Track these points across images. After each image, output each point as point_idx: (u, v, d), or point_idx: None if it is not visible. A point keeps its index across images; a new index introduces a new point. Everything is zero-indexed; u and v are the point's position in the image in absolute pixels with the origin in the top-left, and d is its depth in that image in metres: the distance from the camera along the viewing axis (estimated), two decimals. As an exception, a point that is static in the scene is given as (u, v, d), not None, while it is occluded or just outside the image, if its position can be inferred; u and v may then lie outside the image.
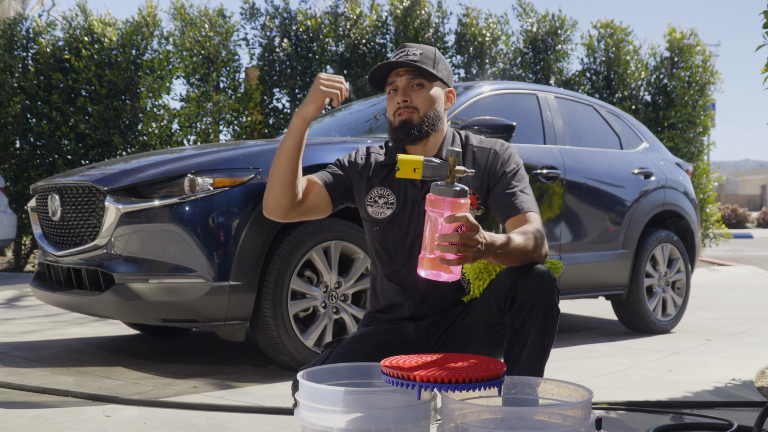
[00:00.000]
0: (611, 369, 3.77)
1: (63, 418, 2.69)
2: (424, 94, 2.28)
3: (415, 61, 2.25)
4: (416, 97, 2.27)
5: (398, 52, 2.32)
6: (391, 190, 2.34)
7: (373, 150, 2.43)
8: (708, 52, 10.70)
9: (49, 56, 8.83)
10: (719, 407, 2.93)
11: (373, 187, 2.36)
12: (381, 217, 2.33)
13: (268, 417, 2.75)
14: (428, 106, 2.28)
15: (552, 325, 2.04)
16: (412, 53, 2.28)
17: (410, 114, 2.26)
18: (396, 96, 2.29)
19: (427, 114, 2.28)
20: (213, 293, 3.33)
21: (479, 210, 2.30)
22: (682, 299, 5.24)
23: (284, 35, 9.36)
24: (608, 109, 5.42)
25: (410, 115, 2.26)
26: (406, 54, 2.29)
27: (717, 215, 10.54)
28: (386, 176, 2.36)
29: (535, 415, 1.72)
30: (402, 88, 2.28)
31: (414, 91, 2.28)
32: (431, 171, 1.96)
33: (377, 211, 2.34)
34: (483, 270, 2.22)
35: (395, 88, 2.30)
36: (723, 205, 23.90)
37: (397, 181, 2.33)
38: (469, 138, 2.38)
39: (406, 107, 2.27)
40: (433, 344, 2.30)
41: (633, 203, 4.95)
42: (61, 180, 3.85)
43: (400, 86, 2.29)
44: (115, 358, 3.88)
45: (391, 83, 2.31)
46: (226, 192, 3.41)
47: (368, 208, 2.35)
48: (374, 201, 2.35)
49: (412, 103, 2.26)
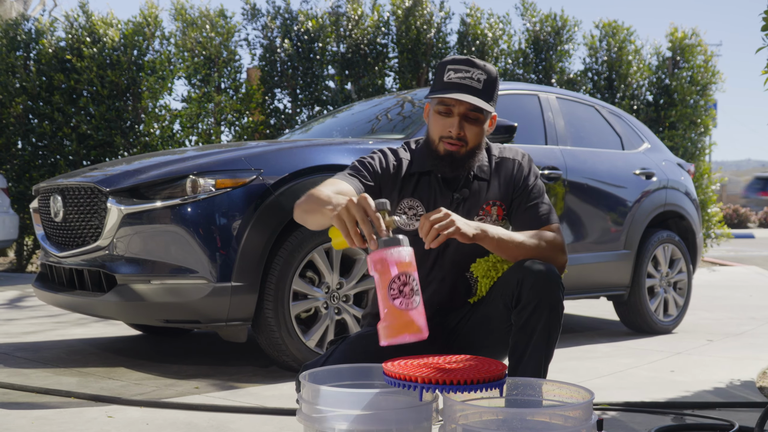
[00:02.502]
0: (613, 369, 3.77)
1: (65, 419, 2.69)
2: (477, 128, 2.23)
3: (478, 91, 2.18)
4: (469, 131, 2.22)
5: (462, 69, 2.21)
6: (420, 201, 2.30)
7: (402, 155, 2.35)
8: (710, 52, 10.70)
9: (50, 57, 8.84)
10: (720, 408, 2.94)
11: (403, 198, 2.31)
12: (409, 229, 2.28)
13: (270, 418, 2.76)
14: (478, 139, 2.25)
15: (557, 321, 2.06)
16: (476, 77, 2.20)
17: (459, 147, 2.22)
18: (447, 121, 2.22)
19: (474, 147, 2.25)
20: (215, 294, 3.33)
21: (504, 221, 2.32)
22: (683, 299, 5.24)
23: (285, 36, 9.36)
24: (609, 110, 5.42)
25: (458, 148, 2.22)
26: (470, 76, 2.20)
27: (719, 215, 10.54)
28: (416, 186, 2.31)
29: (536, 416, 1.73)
30: (458, 117, 2.21)
31: (468, 123, 2.22)
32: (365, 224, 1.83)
33: (406, 222, 2.29)
34: (491, 268, 2.23)
35: (449, 112, 2.22)
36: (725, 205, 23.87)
37: (426, 191, 2.30)
38: (491, 148, 2.37)
39: (458, 139, 2.21)
40: (439, 344, 2.31)
41: (634, 204, 4.95)
42: (64, 181, 3.86)
43: (455, 113, 2.21)
44: (117, 359, 3.88)
45: (445, 104, 2.22)
46: (228, 193, 3.41)
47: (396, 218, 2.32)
48: (403, 212, 2.30)
49: (465, 137, 2.21)
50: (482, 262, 2.25)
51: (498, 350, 2.25)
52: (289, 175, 3.53)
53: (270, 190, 3.47)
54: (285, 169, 3.54)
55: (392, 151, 2.35)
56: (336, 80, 9.71)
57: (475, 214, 2.29)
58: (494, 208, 2.30)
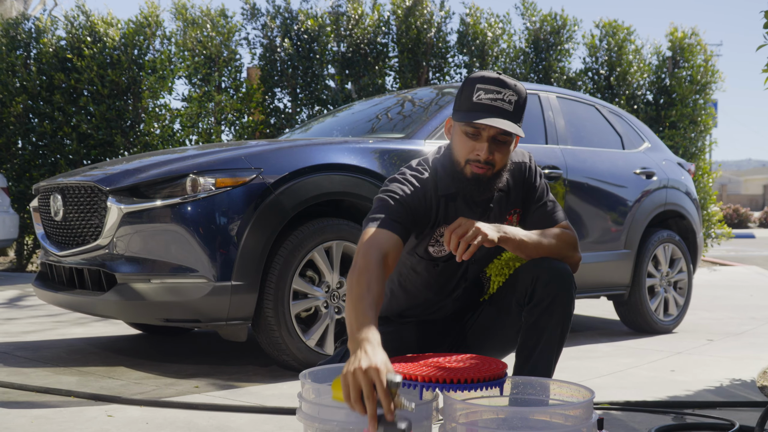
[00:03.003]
0: (613, 369, 3.77)
1: (65, 418, 2.69)
2: (506, 149, 2.14)
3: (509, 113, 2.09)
4: (497, 154, 2.12)
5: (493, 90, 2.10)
6: None
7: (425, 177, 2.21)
8: (709, 51, 10.70)
9: (51, 56, 8.83)
10: (721, 407, 2.93)
11: (436, 227, 2.22)
12: (441, 255, 2.24)
13: (270, 417, 2.75)
14: (504, 161, 2.16)
15: (568, 320, 2.09)
16: (507, 98, 2.09)
17: (486, 170, 2.12)
18: (476, 144, 2.11)
19: (500, 169, 2.16)
20: (215, 293, 3.33)
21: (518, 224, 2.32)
22: (684, 299, 5.24)
23: (285, 35, 9.36)
24: (610, 109, 5.42)
25: (485, 171, 2.12)
26: (502, 98, 2.09)
27: (719, 215, 10.54)
28: (445, 212, 2.21)
29: (537, 415, 1.72)
30: (487, 140, 2.10)
31: (497, 146, 2.12)
32: None
33: (438, 249, 2.24)
34: (504, 266, 2.25)
35: (477, 135, 2.11)
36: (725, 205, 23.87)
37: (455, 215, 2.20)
38: None
39: (486, 163, 2.11)
40: (450, 342, 2.32)
41: (635, 203, 4.95)
42: (64, 180, 3.86)
43: (485, 137, 2.10)
44: (117, 358, 3.88)
45: (475, 127, 2.11)
46: (228, 192, 3.41)
47: (430, 248, 2.24)
48: (436, 241, 2.23)
49: (493, 161, 2.12)
50: (496, 261, 2.26)
51: (506, 347, 2.26)
52: (289, 174, 3.52)
53: (270, 189, 3.46)
54: (285, 168, 3.54)
55: (416, 178, 2.20)
56: (336, 80, 9.71)
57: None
58: (514, 216, 2.30)
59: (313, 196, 3.56)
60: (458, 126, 2.14)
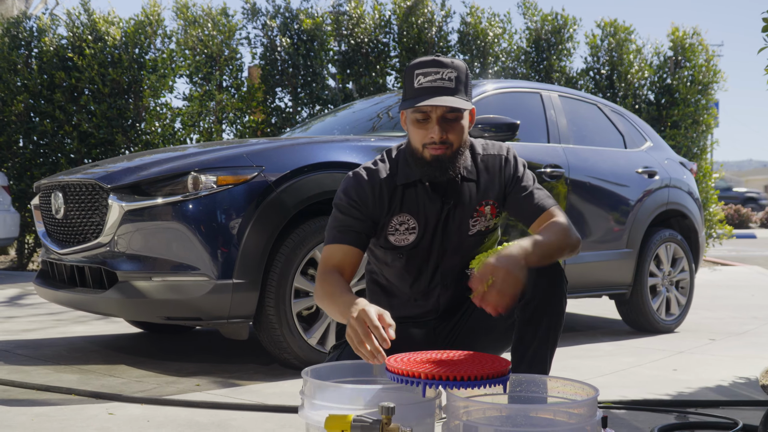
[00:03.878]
0: (615, 368, 3.76)
1: (66, 416, 2.68)
2: (458, 126, 2.15)
3: (452, 90, 2.11)
4: (451, 132, 2.13)
5: (431, 72, 2.13)
6: (410, 214, 2.23)
7: (379, 169, 2.25)
8: (711, 51, 10.68)
9: (52, 55, 8.83)
10: (724, 406, 2.92)
11: (393, 216, 2.23)
12: (404, 244, 2.24)
13: (271, 415, 2.74)
14: (461, 137, 2.17)
15: (561, 316, 2.07)
16: (447, 76, 2.11)
17: (444, 150, 2.13)
18: (427, 127, 2.13)
19: (459, 146, 2.17)
20: (216, 291, 3.32)
21: (497, 218, 2.30)
22: (686, 299, 5.23)
23: (285, 34, 9.35)
24: (612, 108, 5.41)
25: (444, 151, 2.13)
26: (441, 77, 2.11)
27: (720, 215, 10.52)
28: (402, 200, 2.23)
29: (540, 413, 1.71)
30: (437, 121, 2.12)
31: (448, 124, 2.13)
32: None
33: (399, 238, 2.24)
34: None
35: (426, 118, 2.13)
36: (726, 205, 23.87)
37: (414, 203, 2.22)
38: (474, 146, 2.32)
39: (442, 143, 2.13)
40: (442, 341, 2.30)
41: (637, 202, 4.94)
42: (65, 178, 3.85)
43: (433, 117, 2.12)
44: (118, 356, 3.87)
45: (422, 111, 2.13)
46: (230, 190, 3.40)
47: (390, 237, 2.24)
48: (395, 229, 2.23)
49: (448, 139, 2.13)
50: (482, 258, 2.23)
51: (500, 345, 2.25)
52: (291, 172, 3.52)
53: (272, 187, 3.46)
54: (287, 166, 3.53)
55: (367, 173, 2.24)
56: (337, 79, 9.70)
57: (469, 216, 2.25)
58: (487, 207, 2.27)
59: (314, 194, 3.55)
60: (408, 115, 2.19)
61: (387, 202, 2.22)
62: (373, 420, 1.64)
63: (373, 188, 2.22)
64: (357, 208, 2.20)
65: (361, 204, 2.21)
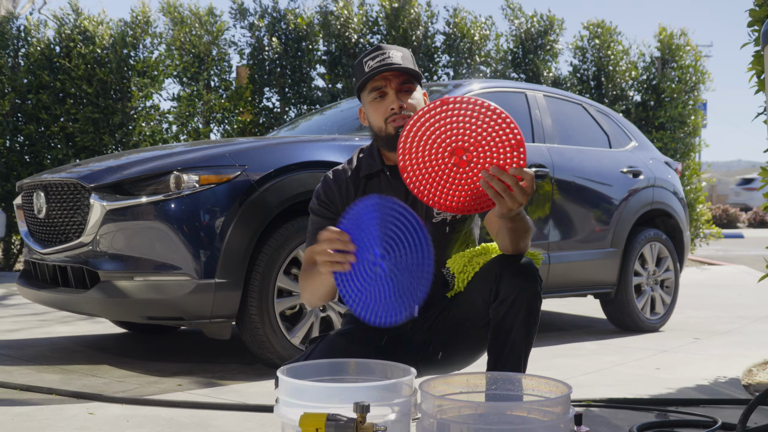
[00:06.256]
0: (598, 367, 3.77)
1: (46, 416, 2.67)
2: (415, 97, 2.21)
3: (400, 65, 2.17)
4: (410, 101, 2.18)
5: (377, 55, 2.20)
6: None
7: (345, 168, 2.31)
8: (699, 51, 10.73)
9: (39, 55, 8.78)
10: (705, 405, 2.93)
11: None
12: None
13: (252, 414, 2.74)
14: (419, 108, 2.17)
15: (536, 315, 2.07)
16: (395, 55, 2.19)
17: (405, 119, 2.15)
18: (385, 102, 2.19)
19: None
20: (198, 291, 3.31)
21: None
22: (670, 298, 5.25)
23: (273, 34, 9.34)
24: (597, 108, 5.42)
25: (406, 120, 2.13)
26: (388, 56, 2.18)
27: (707, 215, 10.56)
28: (364, 190, 2.27)
29: (515, 411, 1.71)
30: (394, 93, 2.18)
31: (405, 96, 2.19)
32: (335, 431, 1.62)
33: None
34: (468, 263, 2.22)
35: (383, 94, 2.19)
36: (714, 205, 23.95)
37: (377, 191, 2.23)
38: None
39: (402, 113, 2.17)
40: (419, 340, 2.29)
41: (621, 202, 4.95)
42: (47, 177, 3.83)
43: (389, 91, 2.18)
44: (101, 357, 3.86)
45: (377, 89, 2.19)
46: (212, 189, 3.39)
47: None
48: None
49: (407, 108, 2.17)
50: (458, 258, 2.23)
51: (477, 344, 2.24)
52: (274, 171, 3.51)
53: (254, 186, 3.45)
54: (270, 165, 3.52)
55: (332, 178, 2.30)
56: (326, 79, 9.69)
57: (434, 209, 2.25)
58: None
59: (298, 194, 3.55)
60: (365, 98, 2.24)
61: (353, 196, 2.26)
62: (347, 418, 1.64)
63: (339, 186, 2.27)
64: (327, 208, 2.26)
65: (330, 204, 2.26)
